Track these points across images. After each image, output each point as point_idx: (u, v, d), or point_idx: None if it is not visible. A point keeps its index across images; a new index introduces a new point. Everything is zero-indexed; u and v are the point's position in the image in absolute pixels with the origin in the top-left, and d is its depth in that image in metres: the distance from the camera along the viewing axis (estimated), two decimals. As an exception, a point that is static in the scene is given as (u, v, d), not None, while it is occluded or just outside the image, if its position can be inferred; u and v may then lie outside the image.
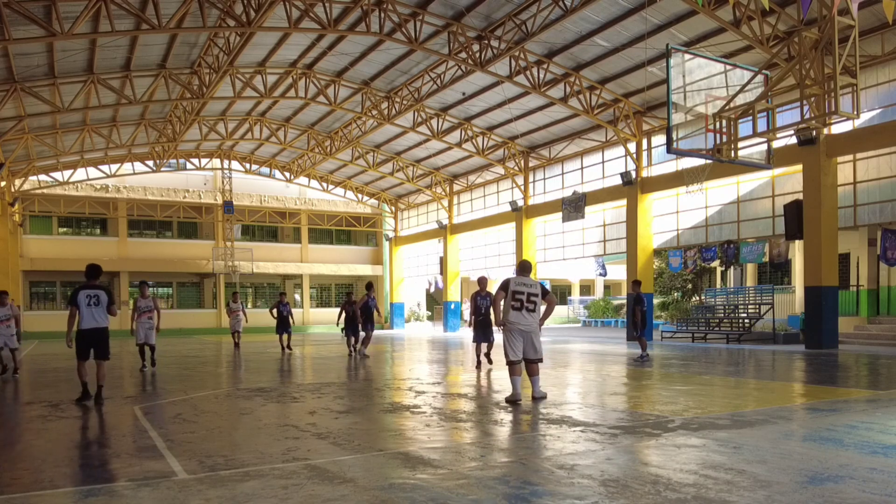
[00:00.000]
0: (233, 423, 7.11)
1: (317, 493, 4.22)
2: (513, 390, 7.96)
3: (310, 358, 16.53)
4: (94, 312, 8.46)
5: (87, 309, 8.43)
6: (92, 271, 8.74)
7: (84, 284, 8.60)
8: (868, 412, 7.07)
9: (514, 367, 8.01)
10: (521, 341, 8.02)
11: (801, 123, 13.32)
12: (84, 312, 8.41)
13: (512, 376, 8.01)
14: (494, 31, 17.86)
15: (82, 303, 8.41)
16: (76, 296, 8.44)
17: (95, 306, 8.47)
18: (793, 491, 4.11)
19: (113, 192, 32.64)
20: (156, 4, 14.57)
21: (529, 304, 8.05)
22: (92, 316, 8.45)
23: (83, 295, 8.45)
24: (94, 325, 8.45)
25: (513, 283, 8.09)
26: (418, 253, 37.69)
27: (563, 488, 4.28)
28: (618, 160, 23.32)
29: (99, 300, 8.50)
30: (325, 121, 26.75)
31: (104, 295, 8.57)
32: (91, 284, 8.61)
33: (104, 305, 8.54)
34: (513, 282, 8.11)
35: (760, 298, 20.78)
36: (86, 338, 8.46)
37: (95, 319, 8.46)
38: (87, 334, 8.46)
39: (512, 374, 8.02)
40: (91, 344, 8.48)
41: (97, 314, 8.48)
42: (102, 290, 8.58)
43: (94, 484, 4.65)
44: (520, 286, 8.07)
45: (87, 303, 8.42)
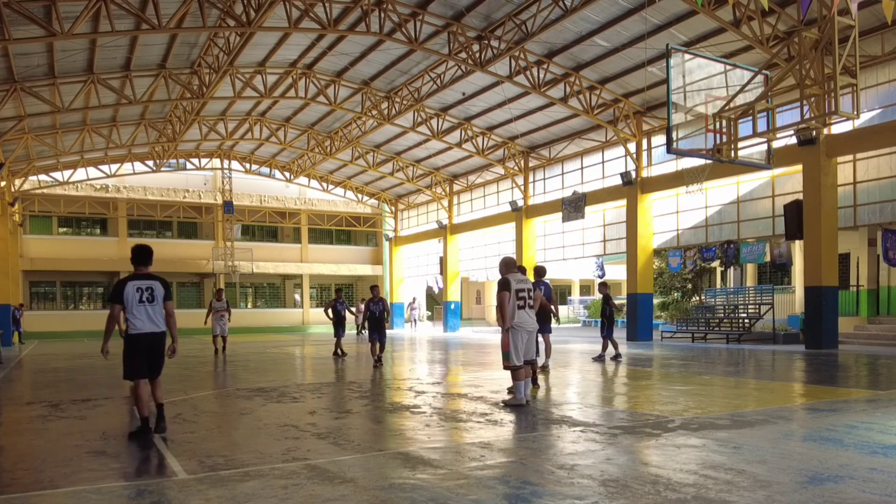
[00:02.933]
0: (233, 423, 7.11)
1: (317, 493, 4.22)
2: (517, 394, 7.79)
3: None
4: (149, 311, 6.22)
5: (138, 307, 6.18)
6: (142, 255, 6.35)
7: (133, 274, 6.35)
8: (868, 412, 7.07)
9: (518, 372, 7.77)
10: (525, 343, 7.81)
11: (801, 123, 13.32)
12: (136, 311, 6.18)
13: (516, 381, 7.80)
14: (494, 31, 17.86)
15: (131, 298, 6.17)
16: (122, 289, 6.18)
17: (150, 303, 6.22)
18: (793, 491, 4.11)
19: (113, 192, 32.64)
20: (156, 4, 14.56)
21: (531, 301, 7.92)
22: (147, 316, 6.21)
23: (132, 288, 6.19)
24: (152, 329, 6.23)
25: (514, 282, 7.82)
26: (418, 253, 37.69)
27: (563, 488, 4.28)
28: (618, 160, 23.32)
29: (153, 294, 6.26)
30: (325, 121, 26.75)
31: (160, 287, 6.32)
32: (142, 273, 6.33)
33: (160, 301, 6.28)
34: (513, 280, 7.84)
35: (760, 298, 20.78)
36: (141, 347, 6.21)
37: (153, 321, 6.24)
38: (143, 342, 6.21)
39: (516, 378, 7.79)
40: (148, 355, 6.26)
41: (153, 313, 6.24)
42: (158, 281, 6.34)
43: (94, 484, 4.65)
44: (520, 284, 7.88)
45: (138, 298, 6.18)
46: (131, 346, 6.23)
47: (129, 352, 6.25)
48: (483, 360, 14.82)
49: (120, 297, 6.19)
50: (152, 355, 6.31)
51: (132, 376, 6.29)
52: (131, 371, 6.28)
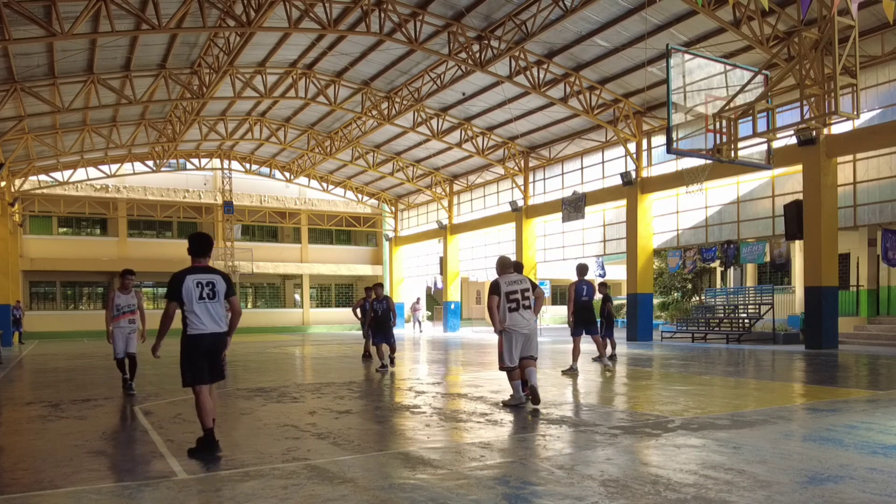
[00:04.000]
0: (233, 423, 7.11)
1: (317, 493, 4.22)
2: (515, 394, 7.72)
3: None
4: (210, 309, 5.51)
5: (199, 305, 5.46)
6: (202, 244, 5.64)
7: (191, 267, 5.58)
8: (868, 412, 7.07)
9: (513, 373, 7.67)
10: (520, 344, 7.62)
11: (801, 123, 13.32)
12: (196, 309, 5.46)
13: (512, 381, 7.70)
14: (494, 31, 17.86)
15: (191, 294, 5.44)
16: (180, 284, 5.45)
17: (210, 300, 5.51)
18: (793, 491, 4.11)
19: (113, 192, 32.65)
20: (156, 4, 14.57)
21: (525, 301, 7.63)
22: (209, 314, 5.51)
23: (191, 282, 5.46)
24: (215, 330, 5.54)
25: (504, 284, 7.65)
26: (418, 253, 37.69)
27: (563, 488, 4.28)
28: (618, 160, 23.32)
29: (215, 290, 5.53)
30: (325, 121, 26.75)
31: (222, 281, 5.59)
32: (201, 266, 5.60)
33: (222, 297, 5.60)
34: (503, 282, 7.67)
35: (760, 298, 20.78)
36: (203, 349, 5.51)
37: (215, 320, 5.55)
38: (206, 344, 5.51)
39: (512, 378, 7.69)
40: (210, 358, 5.58)
41: (215, 311, 5.54)
42: (219, 275, 5.63)
43: (95, 484, 4.65)
44: (511, 285, 7.65)
45: (198, 294, 5.46)
46: (192, 349, 5.48)
47: (190, 355, 5.48)
48: (483, 360, 14.82)
49: (178, 293, 5.42)
50: (214, 358, 5.61)
51: (194, 382, 5.53)
52: (193, 376, 5.52)
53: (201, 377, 5.53)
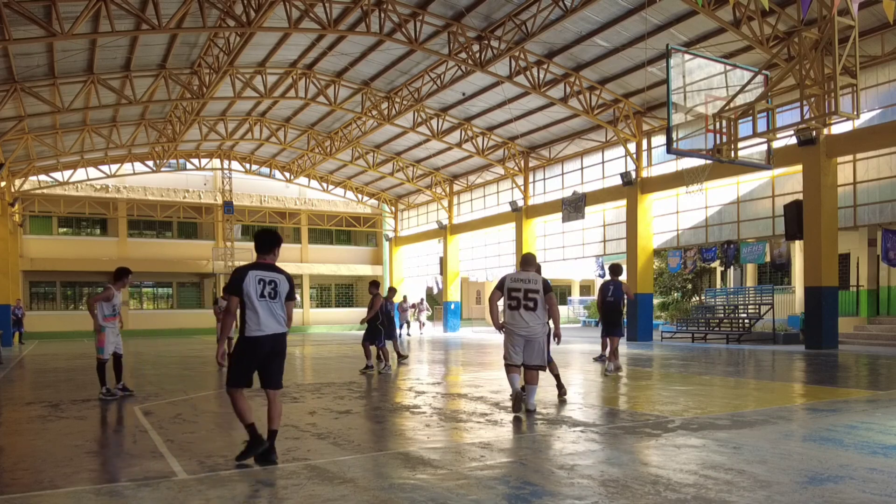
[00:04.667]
0: (233, 423, 7.10)
1: (317, 493, 4.22)
2: (512, 388, 7.29)
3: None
4: (271, 308, 5.15)
5: (259, 303, 5.09)
6: (268, 241, 5.33)
7: (254, 262, 5.29)
8: (868, 412, 7.07)
9: (510, 367, 7.28)
10: (520, 348, 7.17)
11: (801, 123, 13.32)
12: (257, 307, 5.08)
13: (509, 374, 7.29)
14: (494, 31, 17.86)
15: (252, 291, 5.07)
16: (241, 278, 5.09)
17: (272, 299, 5.15)
18: (793, 491, 4.11)
19: (113, 192, 32.65)
20: (156, 4, 14.57)
21: (528, 302, 7.08)
22: (270, 314, 5.14)
23: (253, 278, 5.11)
24: (274, 331, 5.16)
25: (508, 280, 7.26)
26: (418, 253, 37.68)
27: (563, 488, 4.28)
28: (618, 160, 23.33)
29: (277, 289, 5.18)
30: (325, 121, 26.76)
31: (285, 282, 5.25)
32: (265, 263, 5.27)
33: (283, 299, 5.24)
34: (508, 278, 7.28)
35: (760, 299, 20.78)
36: (261, 351, 5.14)
37: (276, 320, 5.18)
38: (265, 346, 5.14)
39: (509, 372, 7.30)
40: (264, 361, 5.19)
41: (276, 311, 5.18)
42: (283, 275, 5.27)
43: (95, 484, 4.65)
44: (516, 282, 7.19)
45: (259, 292, 5.10)
46: (248, 350, 5.11)
47: (244, 356, 5.14)
48: (483, 361, 14.82)
49: (239, 288, 5.04)
50: (272, 361, 5.19)
51: (237, 383, 5.12)
52: (237, 377, 5.12)
53: (241, 381, 5.14)
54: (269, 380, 5.22)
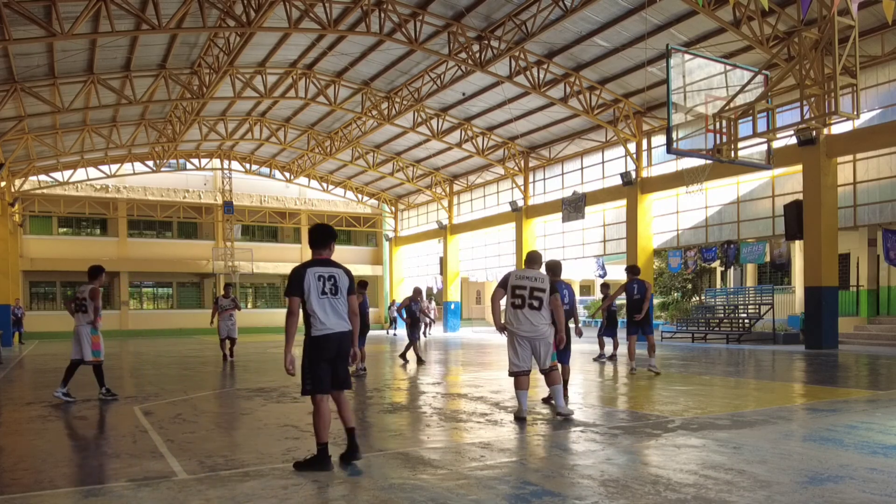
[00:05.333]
0: (233, 423, 7.12)
1: (317, 493, 4.22)
2: (518, 406, 6.93)
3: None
4: (333, 305, 4.97)
5: (319, 301, 4.92)
6: (323, 235, 5.15)
7: (312, 260, 5.09)
8: (868, 412, 7.07)
9: (518, 380, 6.84)
10: (527, 348, 6.81)
11: (801, 123, 13.33)
12: (318, 306, 4.91)
13: (517, 390, 6.88)
14: (494, 31, 17.86)
15: (312, 289, 4.91)
16: (300, 277, 4.92)
17: (333, 295, 4.98)
18: (793, 491, 4.11)
19: (113, 192, 32.65)
20: (156, 4, 14.57)
21: (533, 301, 6.71)
22: (333, 311, 4.97)
23: (312, 276, 4.93)
24: (341, 329, 4.99)
25: (512, 277, 6.88)
26: (418, 253, 37.69)
27: (564, 488, 4.28)
28: (618, 160, 23.33)
29: (337, 285, 5.01)
30: (325, 121, 26.76)
31: (344, 276, 5.09)
32: (322, 259, 5.09)
33: (345, 294, 5.07)
34: (513, 275, 6.91)
35: (760, 299, 20.78)
36: (328, 351, 4.94)
37: (340, 317, 5.01)
38: (331, 345, 4.95)
39: (517, 387, 6.87)
40: (334, 361, 5.00)
41: (339, 308, 5.01)
42: (342, 270, 5.12)
43: (94, 484, 4.65)
44: (521, 280, 6.80)
45: (319, 290, 4.94)
46: (316, 351, 4.90)
47: (313, 358, 4.90)
48: (483, 361, 14.82)
49: (299, 287, 4.88)
50: (339, 361, 5.01)
51: (317, 389, 4.92)
52: (315, 383, 4.91)
53: (322, 385, 4.93)
54: (338, 379, 5.03)
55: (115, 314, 33.25)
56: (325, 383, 4.95)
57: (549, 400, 7.86)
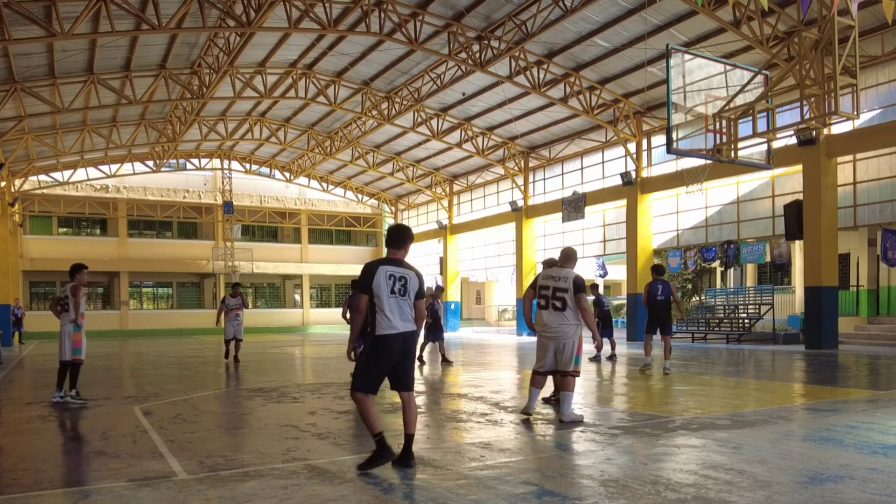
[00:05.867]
0: (233, 423, 7.11)
1: (317, 493, 4.22)
2: (526, 402, 6.95)
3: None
4: (401, 306, 4.89)
5: (389, 300, 4.85)
6: (400, 235, 5.11)
7: (385, 258, 5.05)
8: (868, 412, 7.06)
9: (534, 378, 6.84)
10: (549, 349, 6.70)
11: (801, 123, 13.32)
12: (387, 304, 4.84)
13: (530, 386, 6.90)
14: (494, 31, 17.86)
15: (382, 287, 4.84)
16: (371, 274, 4.86)
17: (401, 296, 4.90)
18: (793, 491, 4.11)
19: (113, 192, 32.66)
20: (156, 4, 14.57)
21: (556, 302, 6.55)
22: (400, 311, 4.88)
23: (383, 274, 4.87)
24: (407, 329, 4.90)
25: (540, 277, 6.83)
26: (418, 253, 37.65)
27: (564, 488, 4.28)
28: (618, 160, 23.33)
29: (406, 287, 4.93)
30: (325, 121, 26.76)
31: (415, 279, 5.00)
32: (395, 259, 5.02)
33: (412, 296, 4.97)
34: (540, 275, 6.86)
35: (760, 299, 20.78)
36: (393, 352, 4.87)
37: (407, 318, 4.92)
38: (396, 345, 4.87)
39: (531, 384, 6.88)
40: (396, 361, 4.91)
41: (405, 309, 4.93)
42: (413, 272, 5.02)
43: (94, 484, 4.65)
44: (546, 280, 6.69)
45: (389, 288, 4.86)
46: (379, 351, 4.84)
47: (374, 358, 4.85)
48: (483, 361, 14.82)
49: (369, 284, 4.82)
50: (404, 361, 4.93)
51: (366, 388, 4.84)
52: (366, 382, 4.84)
53: (371, 386, 4.85)
54: (401, 381, 4.95)
55: (115, 314, 33.27)
56: (375, 385, 4.88)
57: (550, 400, 7.89)
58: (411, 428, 4.93)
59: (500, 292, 41.40)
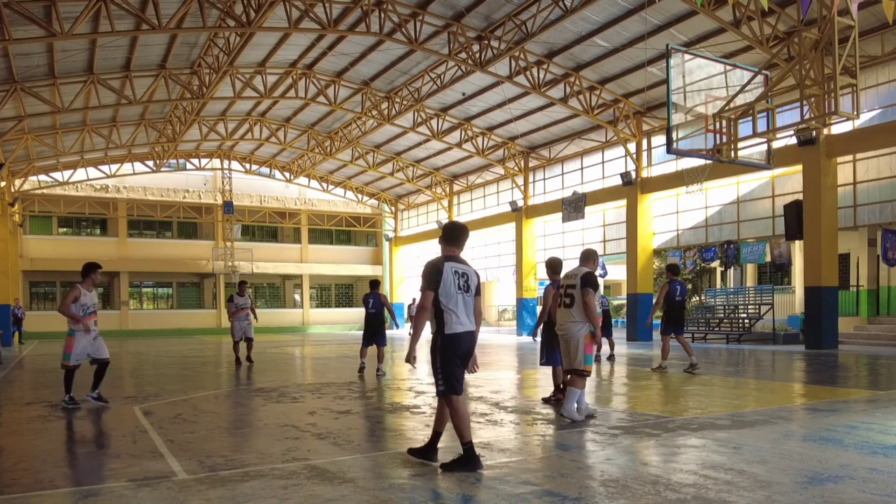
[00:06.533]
0: (233, 423, 7.11)
1: (317, 493, 4.22)
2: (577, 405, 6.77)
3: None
4: (466, 303, 4.84)
5: (457, 297, 4.78)
6: (457, 233, 5.03)
7: (446, 255, 4.94)
8: (868, 412, 7.07)
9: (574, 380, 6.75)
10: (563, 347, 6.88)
11: (801, 123, 13.32)
12: (454, 302, 4.77)
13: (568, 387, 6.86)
14: (494, 31, 17.86)
15: (450, 284, 4.77)
16: (440, 272, 4.77)
17: (465, 292, 4.84)
18: (793, 491, 4.11)
19: (113, 192, 32.66)
20: (156, 4, 14.57)
21: (566, 299, 6.71)
22: (466, 309, 4.83)
23: (450, 271, 4.80)
24: (472, 328, 4.87)
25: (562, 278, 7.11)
26: (418, 253, 37.66)
27: (563, 488, 4.28)
28: (618, 160, 23.33)
29: (468, 284, 4.88)
30: (325, 121, 26.76)
31: (475, 276, 4.96)
32: (455, 256, 4.95)
33: (473, 294, 4.93)
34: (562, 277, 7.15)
35: (760, 299, 20.78)
36: (462, 350, 4.82)
37: (471, 317, 4.87)
38: (464, 344, 4.82)
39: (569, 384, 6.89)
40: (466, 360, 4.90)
41: (469, 307, 4.87)
42: (473, 270, 4.99)
43: (94, 484, 4.65)
44: (566, 279, 6.90)
45: (456, 285, 4.79)
46: (449, 349, 4.74)
47: (448, 357, 4.73)
48: (483, 361, 14.78)
49: (437, 281, 4.71)
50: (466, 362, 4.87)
51: (451, 391, 4.75)
52: (448, 384, 4.74)
53: (457, 386, 4.76)
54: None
55: (115, 314, 33.28)
56: (459, 384, 4.79)
57: (550, 399, 7.90)
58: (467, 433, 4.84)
59: (500, 292, 41.41)
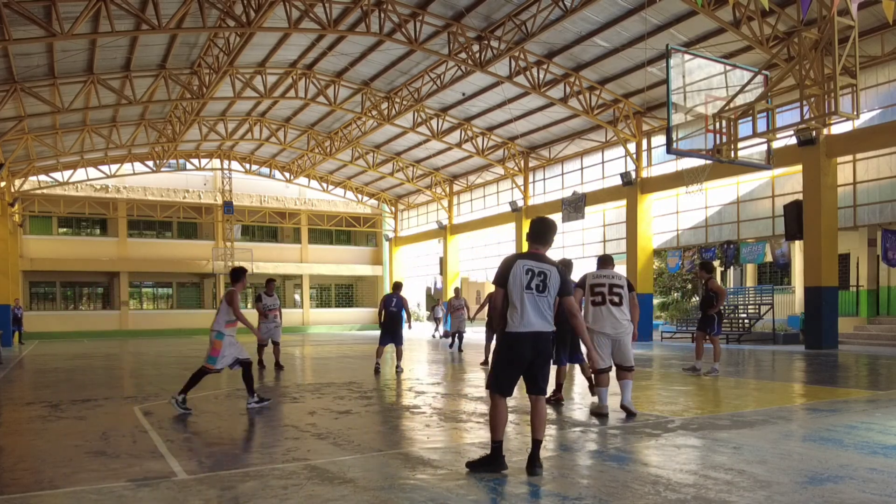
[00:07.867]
0: (233, 423, 7.12)
1: (317, 493, 4.22)
2: (599, 402, 7.01)
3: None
4: (537, 303, 4.64)
5: (525, 295, 4.62)
6: (543, 230, 4.85)
7: (524, 252, 4.86)
8: (868, 412, 7.07)
9: (600, 377, 6.91)
10: (607, 346, 6.89)
11: (801, 124, 13.33)
12: (519, 299, 4.63)
13: (598, 387, 6.98)
14: (494, 31, 17.86)
15: (517, 281, 4.63)
16: (508, 268, 4.68)
17: (539, 292, 4.65)
18: (793, 491, 4.11)
19: (113, 192, 32.64)
20: (156, 4, 14.57)
21: (614, 297, 6.80)
22: (535, 309, 4.63)
23: (521, 268, 4.65)
24: (540, 328, 4.65)
25: (590, 277, 7.01)
26: (418, 253, 37.69)
27: (564, 488, 4.28)
28: (618, 160, 23.33)
29: (546, 282, 4.66)
30: (325, 121, 26.76)
31: (556, 275, 4.71)
32: (536, 253, 4.79)
33: (554, 293, 4.72)
34: (590, 276, 7.03)
35: (760, 299, 20.78)
36: (523, 351, 4.64)
37: (542, 316, 4.66)
38: (525, 344, 4.63)
39: (598, 384, 6.95)
40: (531, 363, 4.68)
41: (542, 307, 4.67)
42: (555, 268, 4.73)
43: (94, 484, 4.65)
44: (599, 278, 6.95)
45: (525, 283, 4.62)
46: (507, 349, 4.67)
47: (506, 357, 4.68)
48: (483, 360, 14.78)
49: (505, 278, 4.63)
50: (537, 363, 4.67)
51: (499, 388, 4.69)
52: (502, 382, 4.69)
53: (504, 389, 4.69)
54: (532, 383, 4.74)
55: (114, 314, 33.28)
56: (508, 386, 4.70)
57: (549, 399, 7.89)
58: (539, 433, 4.68)
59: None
